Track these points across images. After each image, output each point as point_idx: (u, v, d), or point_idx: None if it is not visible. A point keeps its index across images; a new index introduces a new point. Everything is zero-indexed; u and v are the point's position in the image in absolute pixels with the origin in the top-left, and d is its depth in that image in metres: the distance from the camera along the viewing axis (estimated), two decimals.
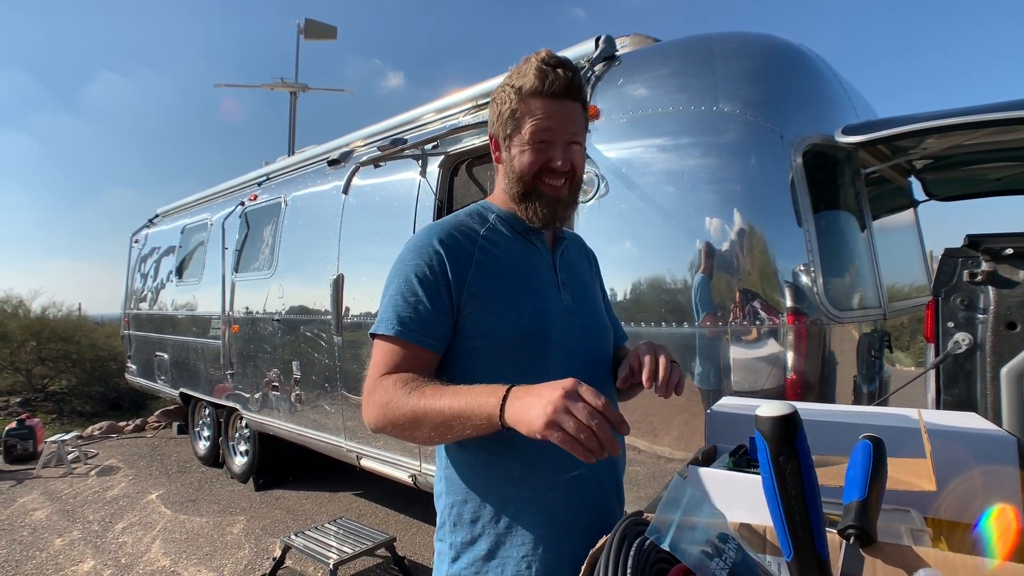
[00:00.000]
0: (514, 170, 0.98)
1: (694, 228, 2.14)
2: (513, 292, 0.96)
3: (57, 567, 3.36)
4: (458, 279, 0.94)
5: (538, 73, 0.94)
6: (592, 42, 2.56)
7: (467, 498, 0.95)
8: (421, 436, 0.87)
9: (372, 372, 0.93)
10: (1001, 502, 0.79)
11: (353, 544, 3.03)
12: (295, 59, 11.42)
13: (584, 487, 0.96)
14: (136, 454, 5.94)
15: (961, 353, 1.93)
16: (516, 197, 1.00)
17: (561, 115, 0.95)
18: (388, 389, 0.88)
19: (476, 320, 0.94)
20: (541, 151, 0.96)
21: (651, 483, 2.18)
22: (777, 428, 0.57)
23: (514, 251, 1.00)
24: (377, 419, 0.89)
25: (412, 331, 0.92)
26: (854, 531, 0.58)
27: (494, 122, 1.01)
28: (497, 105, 0.99)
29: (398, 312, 0.93)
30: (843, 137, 2.18)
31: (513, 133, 0.97)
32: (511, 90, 0.96)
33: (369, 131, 3.76)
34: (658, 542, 0.57)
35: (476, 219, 1.02)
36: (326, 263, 3.72)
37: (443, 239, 0.96)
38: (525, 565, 0.91)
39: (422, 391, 0.86)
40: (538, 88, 0.94)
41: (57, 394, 8.81)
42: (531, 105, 0.95)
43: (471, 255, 0.96)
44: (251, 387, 4.50)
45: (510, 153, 0.99)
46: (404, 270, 0.95)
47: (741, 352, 2.03)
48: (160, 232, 6.67)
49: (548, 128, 0.95)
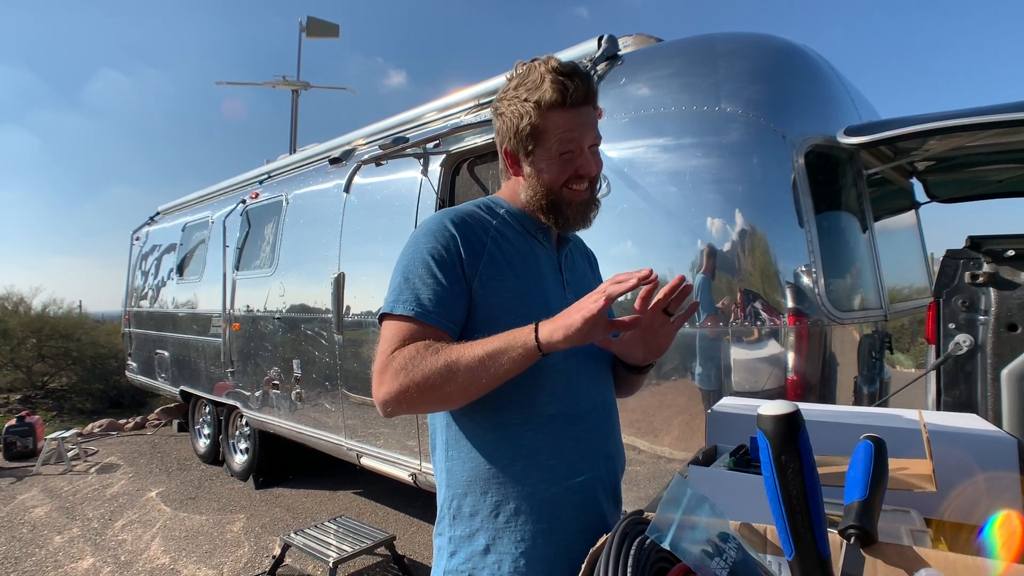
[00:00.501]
0: (543, 183, 0.98)
1: (696, 228, 2.14)
2: (522, 287, 0.96)
3: (56, 564, 3.36)
4: (471, 266, 0.93)
5: (557, 86, 0.93)
6: (595, 41, 2.56)
7: (467, 491, 0.95)
8: (452, 388, 0.85)
9: (384, 349, 0.90)
10: (1004, 507, 0.79)
11: (353, 542, 3.03)
12: (297, 57, 11.44)
13: (585, 486, 0.96)
14: (136, 452, 5.94)
15: (962, 354, 1.93)
16: (544, 208, 0.99)
17: (582, 123, 0.96)
18: (410, 353, 0.87)
19: (485, 311, 0.94)
20: (568, 162, 0.96)
21: (651, 483, 2.18)
22: (779, 427, 0.57)
23: (523, 247, 1.00)
24: (397, 388, 0.86)
25: (432, 312, 0.90)
26: (855, 531, 0.58)
27: (510, 137, 0.98)
28: (511, 119, 0.97)
29: (416, 293, 0.91)
30: (845, 138, 2.17)
31: (536, 148, 0.97)
32: (529, 105, 0.94)
33: (371, 129, 3.76)
34: (658, 541, 0.57)
35: (487, 211, 1.02)
36: (327, 261, 3.72)
37: (458, 224, 0.95)
38: (524, 561, 0.91)
39: (448, 348, 0.86)
40: (558, 101, 0.93)
41: (57, 391, 8.81)
42: (553, 119, 0.94)
43: (484, 244, 0.96)
44: (251, 385, 4.50)
45: (535, 168, 0.98)
46: (419, 251, 0.93)
47: (742, 353, 2.03)
48: (161, 230, 6.67)
49: (573, 139, 0.95)
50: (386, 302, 0.94)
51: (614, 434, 1.06)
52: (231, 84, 14.13)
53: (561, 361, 0.96)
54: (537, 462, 0.93)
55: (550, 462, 0.94)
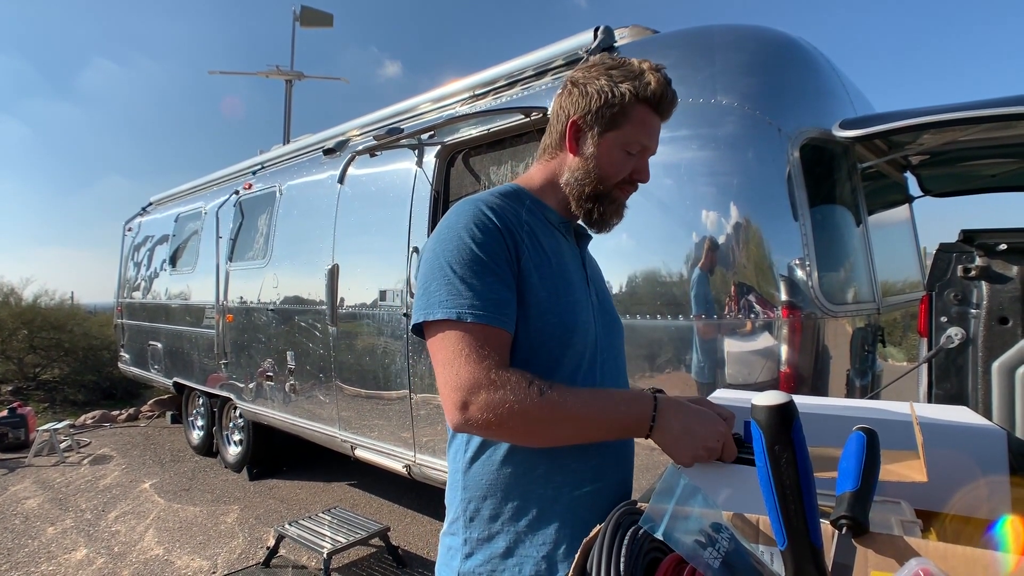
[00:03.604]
0: (598, 168, 0.95)
1: (690, 221, 2.14)
2: (553, 284, 0.92)
3: (49, 555, 3.36)
4: (516, 260, 0.88)
5: (662, 87, 0.93)
6: (591, 33, 2.55)
7: (487, 494, 0.91)
8: (557, 435, 0.84)
9: (466, 366, 0.81)
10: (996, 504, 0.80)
11: (347, 534, 3.04)
12: (291, 47, 11.34)
13: (607, 489, 0.95)
14: (129, 443, 5.93)
15: (953, 348, 1.95)
16: (585, 196, 0.96)
17: (657, 130, 0.96)
18: (522, 381, 0.80)
19: (523, 309, 0.88)
20: (630, 160, 0.96)
21: (645, 474, 2.18)
22: (773, 417, 0.57)
23: (551, 241, 0.96)
24: (495, 419, 0.79)
25: (499, 316, 0.84)
26: (847, 521, 0.59)
27: (589, 111, 0.93)
28: (597, 94, 0.92)
29: (479, 294, 0.83)
30: (840, 131, 2.18)
31: (608, 129, 0.93)
32: (626, 87, 0.91)
33: (365, 120, 3.74)
34: (652, 531, 0.57)
35: (514, 199, 0.96)
36: (321, 253, 3.70)
37: (497, 212, 0.89)
38: (545, 565, 0.89)
39: (569, 393, 0.82)
40: (655, 98, 0.93)
41: (49, 383, 8.77)
42: (640, 113, 0.93)
43: (521, 237, 0.90)
44: (245, 377, 4.49)
45: (597, 149, 0.94)
46: (467, 246, 0.85)
47: (735, 345, 2.04)
48: (154, 220, 6.63)
49: (648, 144, 0.96)
50: (443, 306, 0.83)
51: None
52: (224, 73, 14.02)
53: (587, 364, 0.94)
54: (560, 465, 0.91)
55: (573, 465, 0.91)
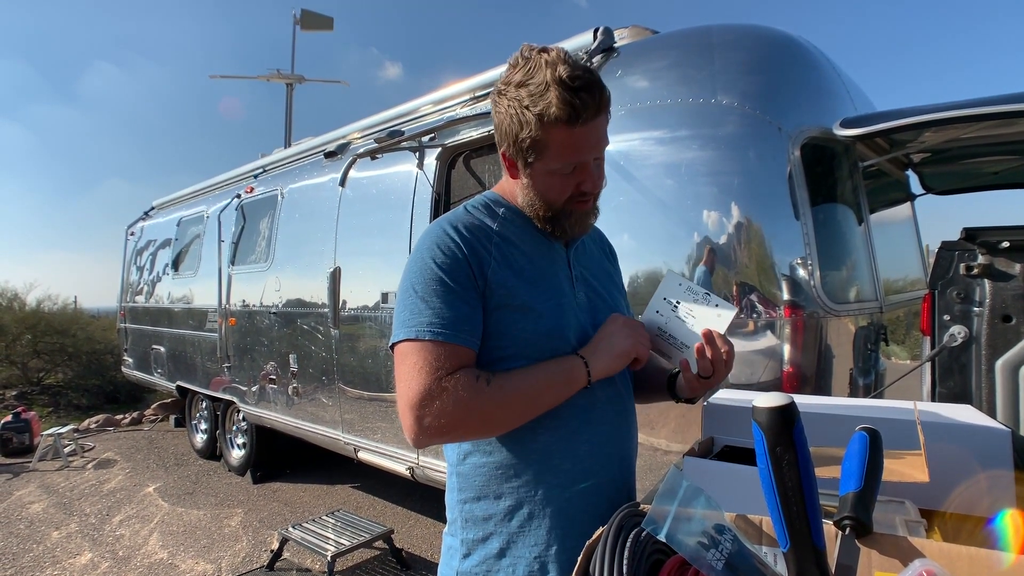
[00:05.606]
0: (540, 196, 0.93)
1: (692, 221, 2.14)
2: (531, 291, 0.92)
3: (54, 560, 3.37)
4: (481, 276, 0.90)
5: (564, 104, 0.83)
6: (590, 33, 2.55)
7: (480, 496, 0.93)
8: (507, 420, 0.88)
9: (421, 377, 0.83)
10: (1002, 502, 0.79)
11: (351, 536, 3.04)
12: (291, 50, 11.37)
13: (598, 489, 0.94)
14: (133, 447, 5.93)
15: (957, 346, 1.94)
16: (542, 219, 0.95)
17: (589, 138, 0.87)
18: (463, 383, 0.84)
19: (496, 320, 0.90)
20: (569, 179, 0.91)
21: (648, 475, 2.18)
22: (774, 419, 0.57)
23: (529, 247, 0.96)
24: (452, 421, 0.83)
25: (458, 333, 0.86)
26: (850, 522, 0.58)
27: (509, 144, 0.90)
28: (509, 124, 0.88)
29: (437, 313, 0.86)
30: (841, 130, 2.17)
31: (536, 162, 0.90)
32: (530, 115, 0.84)
33: (366, 123, 3.74)
34: (654, 533, 0.57)
35: (486, 213, 0.96)
36: (323, 256, 3.71)
37: (460, 232, 0.91)
38: (538, 566, 0.90)
39: (501, 379, 0.87)
40: (564, 119, 0.84)
41: (53, 387, 8.79)
42: (557, 136, 0.86)
43: (489, 252, 0.91)
44: (248, 380, 4.49)
45: (532, 180, 0.92)
46: (428, 266, 0.88)
47: (738, 345, 2.02)
48: (156, 224, 6.64)
49: (580, 159, 0.89)
50: (405, 326, 0.87)
51: (630, 436, 1.03)
52: (225, 77, 14.06)
53: None
54: (550, 466, 0.91)
55: (564, 466, 0.92)
